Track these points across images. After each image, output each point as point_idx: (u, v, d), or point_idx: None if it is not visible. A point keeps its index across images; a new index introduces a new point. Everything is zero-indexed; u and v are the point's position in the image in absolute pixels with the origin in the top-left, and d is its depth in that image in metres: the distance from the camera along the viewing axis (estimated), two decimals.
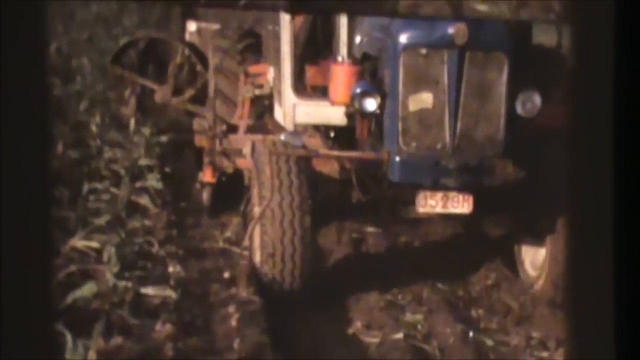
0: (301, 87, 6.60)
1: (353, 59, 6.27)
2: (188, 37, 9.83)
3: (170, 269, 5.90)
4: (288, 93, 6.61)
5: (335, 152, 6.16)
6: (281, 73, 6.67)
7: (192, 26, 9.84)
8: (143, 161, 7.82)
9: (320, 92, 6.49)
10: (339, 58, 6.31)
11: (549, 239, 6.06)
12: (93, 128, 8.87)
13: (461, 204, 5.71)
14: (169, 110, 9.28)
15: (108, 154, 8.06)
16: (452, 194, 5.71)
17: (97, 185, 7.19)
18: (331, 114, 6.38)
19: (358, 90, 5.89)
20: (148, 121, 9.02)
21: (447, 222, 6.94)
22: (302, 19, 6.80)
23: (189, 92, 9.07)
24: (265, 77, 7.40)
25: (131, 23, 16.36)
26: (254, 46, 7.91)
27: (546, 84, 5.86)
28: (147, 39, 9.73)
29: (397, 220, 6.91)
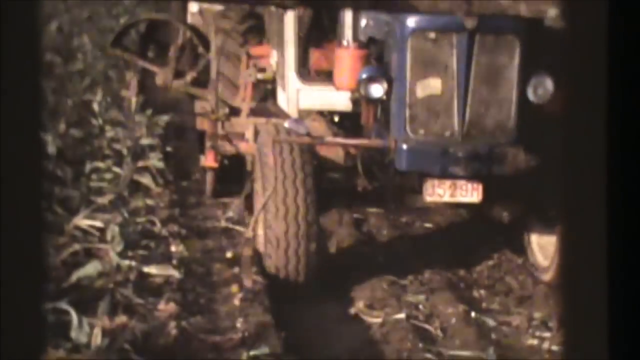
0: (305, 72, 6.48)
1: (358, 43, 6.10)
2: (190, 19, 9.75)
3: (173, 248, 5.94)
4: (292, 78, 6.49)
5: (340, 140, 6.02)
6: (285, 57, 6.55)
7: (194, 7, 9.73)
8: (145, 140, 7.84)
9: (324, 77, 6.36)
10: (344, 42, 6.16)
11: (560, 228, 6.03)
12: (95, 107, 8.90)
13: (470, 193, 5.58)
14: (171, 93, 9.25)
15: (110, 133, 8.09)
16: (461, 183, 5.57)
17: (100, 164, 7.24)
18: (336, 99, 6.25)
19: (364, 75, 5.74)
20: (149, 104, 9.02)
21: (455, 210, 6.87)
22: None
23: (191, 75, 8.96)
24: (267, 60, 7.29)
25: (131, 2, 16.35)
26: (257, 28, 7.79)
27: (559, 68, 5.66)
28: (148, 21, 9.71)
29: (404, 209, 6.87)
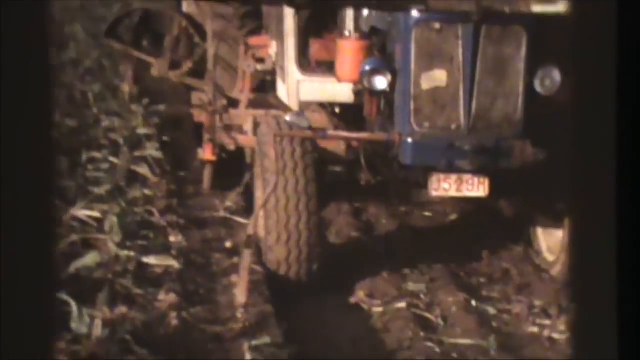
0: (305, 63, 6.34)
1: (361, 34, 5.97)
2: (185, 7, 9.67)
3: (172, 239, 5.93)
4: (292, 69, 6.35)
5: (343, 134, 5.90)
6: (284, 48, 6.42)
7: None
8: (141, 130, 7.82)
9: (325, 68, 6.24)
10: (346, 32, 6.03)
11: (567, 221, 5.72)
12: (90, 96, 8.87)
13: (476, 187, 5.48)
14: (167, 84, 9.14)
15: (106, 123, 8.05)
16: (467, 177, 5.47)
17: (96, 154, 7.20)
18: (338, 91, 6.13)
19: (367, 67, 5.61)
20: (145, 94, 8.95)
21: (456, 200, 6.77)
22: None
23: (187, 65, 8.78)
24: (266, 51, 7.15)
25: None
26: (254, 13, 7.65)
27: (566, 59, 5.50)
28: (142, 11, 9.62)
29: (409, 203, 6.83)
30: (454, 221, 7.00)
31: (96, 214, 5.83)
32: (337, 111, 6.35)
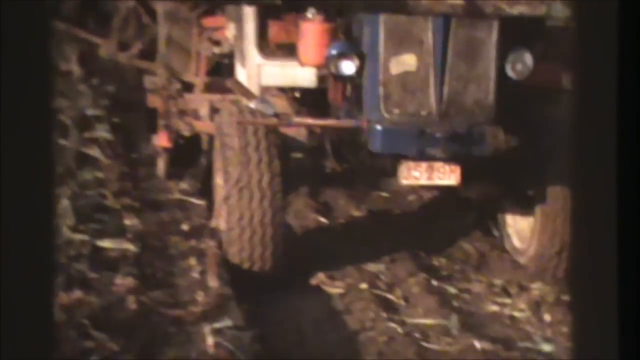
0: (264, 46, 6.06)
1: (325, 16, 5.67)
2: None
3: (126, 222, 5.82)
4: (252, 53, 6.09)
5: (309, 121, 5.63)
6: (244, 30, 6.13)
7: None
8: (90, 111, 7.68)
9: (286, 51, 5.96)
10: (309, 14, 5.69)
11: (539, 209, 5.68)
12: None
13: (448, 175, 5.32)
14: (116, 66, 8.75)
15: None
16: (438, 165, 5.31)
17: None
18: (300, 76, 5.88)
19: (334, 51, 5.39)
20: (93, 76, 8.73)
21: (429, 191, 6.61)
22: None
23: (137, 47, 8.47)
24: (223, 33, 6.82)
25: None
26: None
27: (536, 42, 5.49)
28: None
29: (377, 193, 6.66)
30: (413, 201, 6.99)
31: None
32: (297, 96, 6.08)
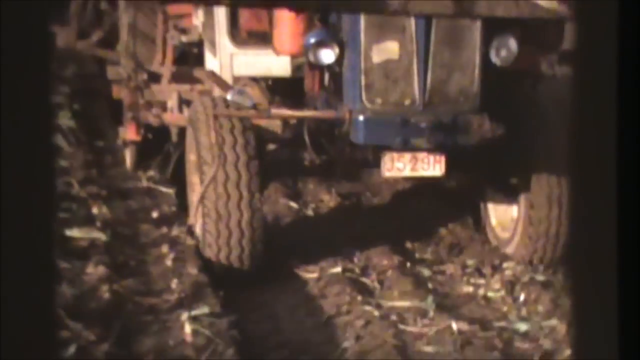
0: (236, 34, 5.89)
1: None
2: None
3: (94, 210, 5.75)
4: (224, 42, 5.89)
5: (289, 112, 5.43)
6: (214, 18, 5.93)
7: None
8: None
9: (258, 40, 5.81)
10: None
11: (523, 198, 5.57)
12: None
13: (432, 166, 5.18)
14: (75, 56, 8.44)
15: None
16: (422, 155, 5.16)
17: None
18: (274, 65, 5.73)
19: (312, 39, 5.20)
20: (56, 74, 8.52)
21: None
22: None
23: (97, 35, 8.28)
24: (190, 20, 6.60)
25: None
26: None
27: (519, 26, 5.30)
28: None
29: (359, 185, 6.55)
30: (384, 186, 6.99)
31: None
32: (269, 85, 5.92)
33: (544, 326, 4.81)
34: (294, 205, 6.58)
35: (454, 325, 4.80)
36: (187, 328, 4.34)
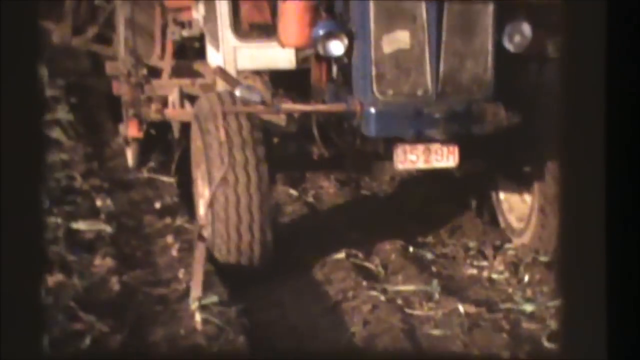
0: (238, 27, 5.80)
1: None
2: None
3: (98, 203, 5.80)
4: (227, 35, 5.73)
5: (299, 107, 5.31)
6: (216, 11, 5.82)
7: None
8: (48, 92, 7.59)
9: (262, 32, 5.74)
10: None
11: (537, 187, 5.47)
12: None
13: (446, 157, 5.09)
14: (70, 52, 8.47)
15: None
16: (435, 146, 5.06)
17: None
18: (279, 57, 5.63)
19: (321, 31, 5.09)
20: (46, 63, 8.47)
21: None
22: None
23: (92, 30, 8.16)
24: (189, 14, 6.49)
25: None
26: None
27: (535, 11, 5.28)
28: None
29: (371, 179, 6.49)
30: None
31: None
32: (272, 78, 5.80)
33: (550, 306, 4.87)
34: (294, 192, 6.62)
35: (461, 307, 4.81)
36: (198, 317, 4.38)
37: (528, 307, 4.93)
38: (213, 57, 6.11)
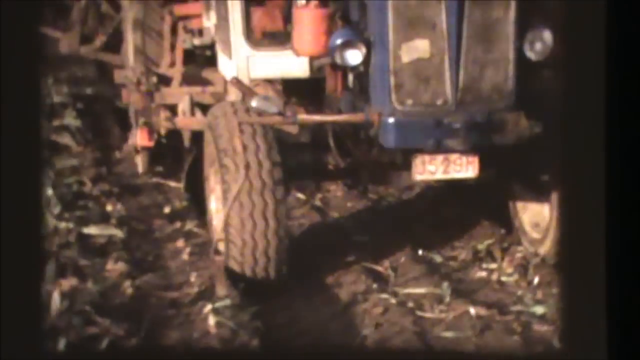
0: (251, 35, 5.73)
1: (319, 1, 5.26)
2: None
3: (109, 208, 5.85)
4: (240, 43, 5.68)
5: (316, 117, 5.17)
6: (229, 19, 5.74)
7: None
8: (56, 98, 7.63)
9: (273, 40, 5.67)
10: (301, 0, 5.28)
11: (555, 197, 5.37)
12: None
13: (465, 168, 4.96)
14: (79, 61, 8.52)
15: None
16: (454, 157, 4.94)
17: None
18: (292, 66, 5.53)
19: (338, 40, 4.97)
20: (52, 73, 8.47)
21: None
22: None
23: (100, 39, 8.14)
24: (199, 21, 6.43)
25: None
26: None
27: (557, 18, 4.98)
28: None
29: (388, 190, 6.41)
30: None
31: None
32: (284, 86, 5.74)
33: (560, 308, 4.89)
34: (302, 196, 6.65)
35: (472, 310, 4.79)
36: (211, 320, 4.41)
37: (539, 309, 4.93)
38: (225, 66, 6.03)
